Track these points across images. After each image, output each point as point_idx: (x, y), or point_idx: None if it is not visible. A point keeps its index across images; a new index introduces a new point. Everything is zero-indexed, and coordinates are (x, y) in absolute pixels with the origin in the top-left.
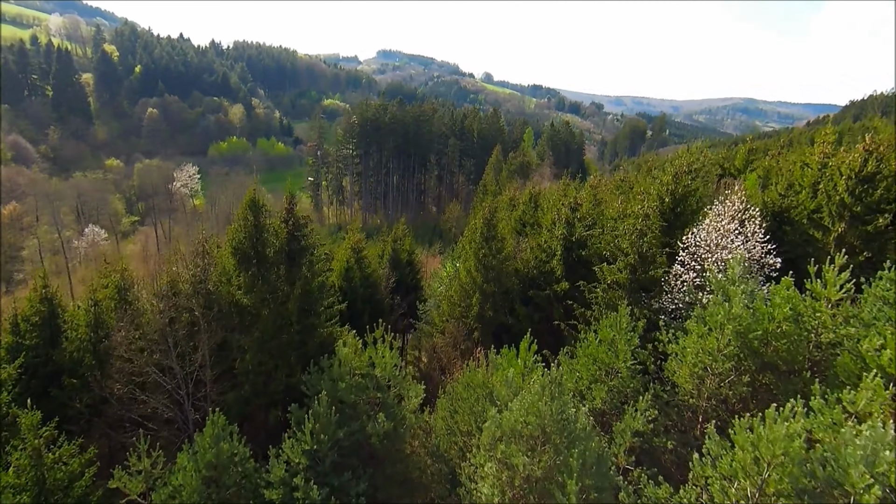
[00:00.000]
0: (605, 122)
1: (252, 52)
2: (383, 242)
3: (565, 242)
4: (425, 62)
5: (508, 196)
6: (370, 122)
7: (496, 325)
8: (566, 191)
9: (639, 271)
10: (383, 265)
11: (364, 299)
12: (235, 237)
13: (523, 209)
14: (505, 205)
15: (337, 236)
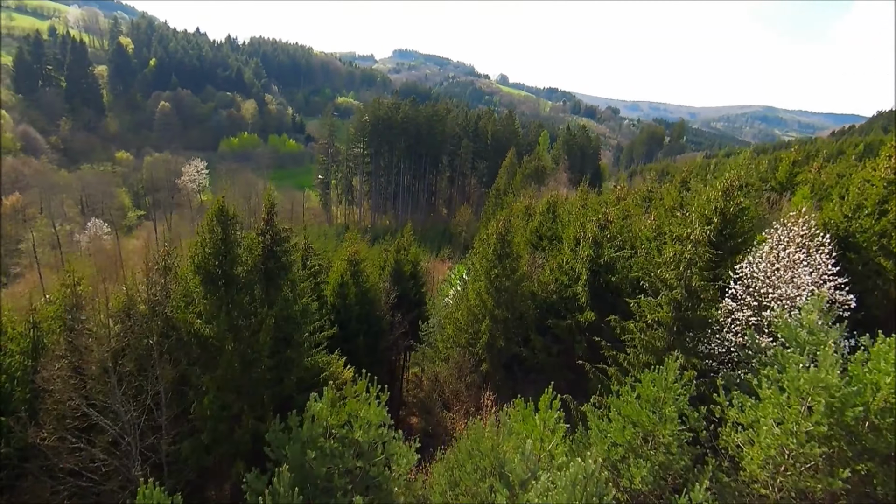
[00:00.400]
0: (621, 127)
1: (267, 48)
2: (385, 252)
3: (592, 265)
4: (441, 62)
5: (523, 204)
6: (382, 120)
7: (508, 355)
8: (586, 201)
9: (685, 308)
10: (384, 278)
11: (359, 319)
12: (199, 253)
13: (540, 220)
14: (520, 213)
15: (341, 238)
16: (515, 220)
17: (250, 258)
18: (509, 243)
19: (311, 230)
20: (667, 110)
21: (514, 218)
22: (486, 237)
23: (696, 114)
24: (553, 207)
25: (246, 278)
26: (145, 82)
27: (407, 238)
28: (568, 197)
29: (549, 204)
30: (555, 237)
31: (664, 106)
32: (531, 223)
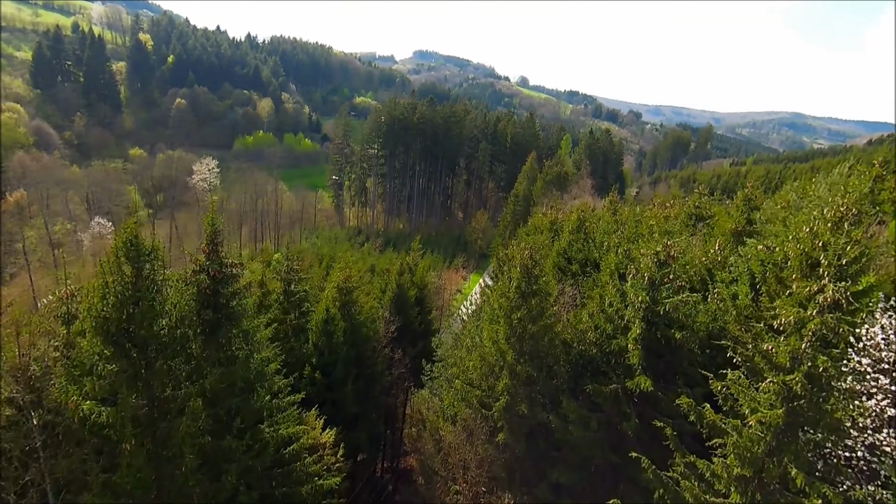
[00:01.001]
0: (644, 131)
1: (287, 47)
2: (387, 274)
3: (647, 313)
4: (461, 64)
5: (548, 219)
6: (398, 121)
7: (532, 423)
8: (619, 215)
9: (803, 401)
10: (384, 304)
11: (349, 361)
12: (98, 305)
13: (570, 239)
14: (544, 229)
15: (352, 242)
16: (538, 235)
17: (176, 309)
18: (537, 278)
19: (322, 233)
20: (690, 115)
21: (537, 233)
22: (504, 260)
23: (720, 119)
24: (583, 225)
25: (170, 337)
26: (163, 79)
27: (413, 256)
28: (595, 207)
29: (579, 222)
30: (587, 262)
31: (687, 111)
32: (558, 242)
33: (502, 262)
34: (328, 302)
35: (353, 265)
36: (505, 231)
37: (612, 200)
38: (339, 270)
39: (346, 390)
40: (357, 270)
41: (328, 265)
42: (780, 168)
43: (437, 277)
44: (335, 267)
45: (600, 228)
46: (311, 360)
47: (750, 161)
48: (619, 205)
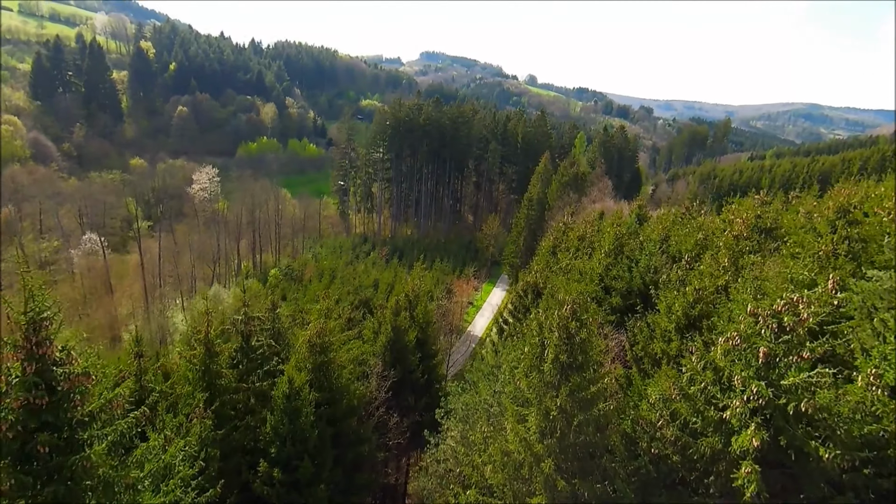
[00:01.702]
0: (656, 127)
1: (291, 51)
2: (380, 316)
3: (768, 412)
4: (468, 64)
5: (575, 233)
6: (403, 123)
7: None
8: (660, 221)
9: None
10: (376, 352)
11: (322, 448)
12: None
13: (607, 263)
14: (571, 247)
15: (357, 251)
16: (563, 254)
17: None
18: (584, 346)
19: (327, 242)
20: (702, 109)
21: (561, 251)
22: (527, 291)
23: (733, 112)
24: (621, 244)
25: None
26: (165, 87)
27: (413, 283)
28: (622, 213)
29: (616, 240)
30: (630, 291)
31: (699, 105)
32: (590, 264)
33: (524, 293)
34: (293, 370)
35: (354, 280)
36: (518, 238)
37: (641, 205)
38: (315, 320)
39: (318, 491)
40: (345, 308)
41: (329, 281)
42: (808, 162)
43: (445, 296)
44: (311, 324)
45: (647, 249)
46: (270, 451)
47: (770, 154)
48: (646, 209)
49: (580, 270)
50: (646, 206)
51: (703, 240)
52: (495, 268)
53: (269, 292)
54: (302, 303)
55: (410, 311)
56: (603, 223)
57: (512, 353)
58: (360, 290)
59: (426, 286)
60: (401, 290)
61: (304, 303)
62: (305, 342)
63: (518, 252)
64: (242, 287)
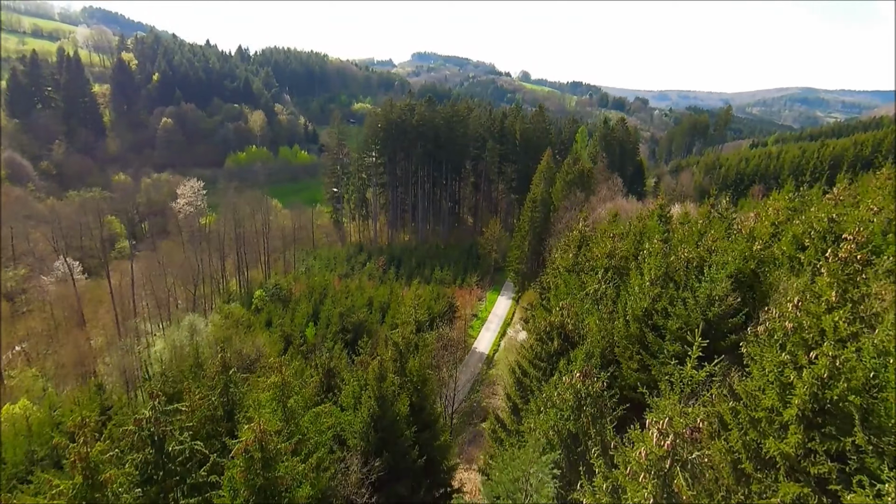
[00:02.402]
0: (652, 118)
1: (279, 57)
2: (361, 375)
3: None
4: (460, 63)
5: (601, 250)
6: (395, 124)
7: None
8: (691, 226)
9: None
10: (356, 430)
11: None
12: None
13: (654, 294)
14: (598, 267)
15: (352, 262)
16: (589, 278)
17: None
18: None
19: (320, 253)
20: (697, 98)
21: (586, 274)
22: (548, 334)
23: (728, 100)
24: (669, 268)
25: None
26: (149, 99)
27: (404, 334)
28: (642, 215)
29: (660, 261)
30: (685, 329)
31: (694, 94)
32: (631, 296)
33: (547, 337)
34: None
35: (346, 300)
36: (523, 242)
37: (663, 205)
38: (253, 423)
39: None
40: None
41: (319, 300)
42: (817, 147)
43: (446, 315)
44: (245, 429)
45: (709, 275)
46: None
47: (771, 140)
48: (669, 208)
49: (613, 299)
50: (668, 204)
51: (764, 252)
52: (498, 274)
53: (247, 321)
54: (288, 328)
55: (401, 365)
56: (629, 230)
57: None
58: (352, 312)
59: (425, 300)
60: (396, 310)
61: (291, 328)
62: (241, 452)
63: (523, 257)
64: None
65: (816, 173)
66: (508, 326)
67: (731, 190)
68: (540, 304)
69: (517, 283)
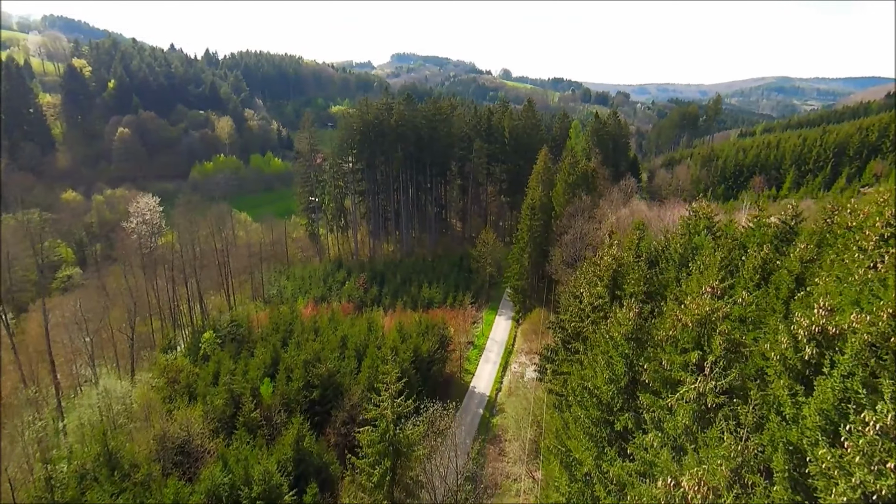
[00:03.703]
0: (636, 111)
1: (250, 61)
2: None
3: None
4: (440, 62)
5: (689, 315)
6: (372, 126)
7: None
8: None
9: None
10: None
11: None
12: None
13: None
14: (685, 342)
15: (330, 280)
16: (669, 355)
17: None
18: None
19: (295, 272)
20: (676, 90)
21: (666, 350)
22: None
23: (707, 91)
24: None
25: None
26: (105, 108)
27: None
28: (670, 220)
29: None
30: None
31: (673, 87)
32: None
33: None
34: None
35: (314, 341)
36: (522, 255)
37: (708, 213)
38: None
39: None
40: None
41: (283, 338)
42: (819, 134)
43: (440, 361)
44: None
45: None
46: None
47: (759, 129)
48: (715, 213)
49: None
50: (713, 212)
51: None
52: (494, 288)
53: (187, 378)
54: (240, 385)
55: None
56: (667, 247)
57: None
58: (320, 360)
59: (411, 335)
60: (374, 355)
61: (243, 385)
62: None
63: (523, 272)
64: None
65: (821, 162)
66: (510, 355)
67: (730, 182)
68: (565, 356)
69: (517, 302)
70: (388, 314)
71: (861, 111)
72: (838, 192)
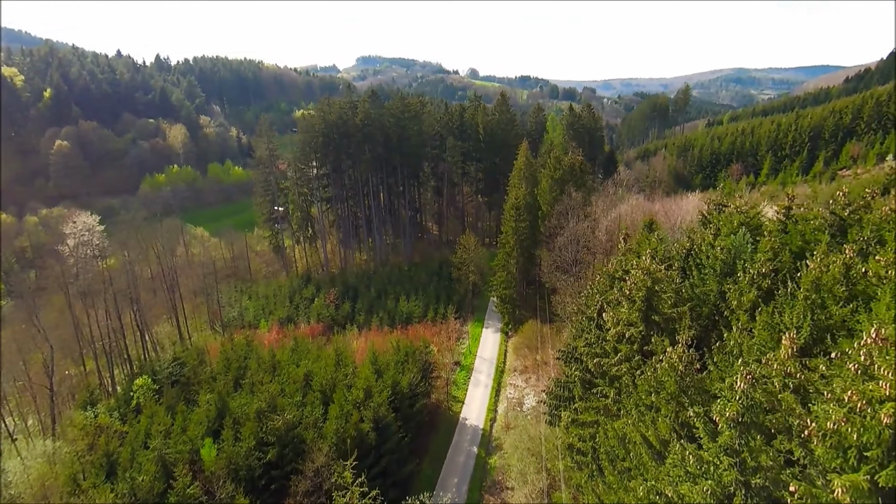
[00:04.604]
0: (604, 105)
1: (206, 66)
2: None
3: None
4: (407, 64)
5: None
6: (336, 127)
7: None
8: None
9: None
10: None
11: None
12: None
13: None
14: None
15: (297, 297)
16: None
17: None
18: None
19: (257, 290)
20: (639, 85)
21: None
22: None
23: (668, 84)
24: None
25: None
26: (40, 120)
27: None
28: (677, 216)
29: None
30: None
31: (636, 81)
32: None
33: None
34: None
35: (272, 382)
36: (508, 261)
37: (751, 211)
38: None
39: None
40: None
41: (235, 378)
42: (793, 119)
43: (423, 394)
44: None
45: None
46: None
47: (726, 119)
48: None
49: None
50: (755, 203)
51: None
52: (478, 297)
53: (106, 444)
54: (174, 449)
55: None
56: (694, 249)
57: None
58: (276, 408)
59: (389, 367)
60: (343, 396)
61: (178, 448)
62: None
63: (511, 280)
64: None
65: (797, 147)
66: (503, 374)
67: (707, 171)
68: (588, 402)
69: (505, 312)
70: (362, 333)
71: (822, 97)
72: (817, 175)
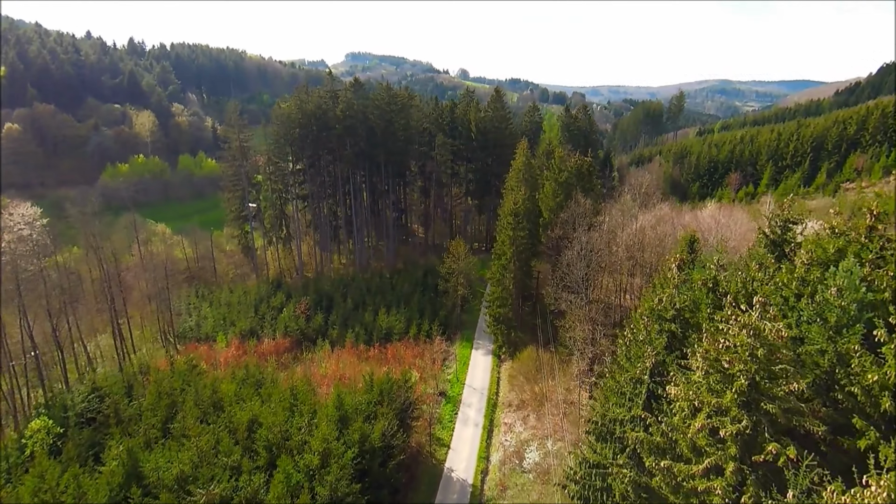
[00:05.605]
0: (594, 111)
1: (184, 52)
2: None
3: None
4: (397, 62)
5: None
6: (314, 118)
7: None
8: None
9: None
10: None
11: None
12: None
13: None
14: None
15: (264, 305)
16: None
17: None
18: None
19: (220, 297)
20: (627, 92)
21: None
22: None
23: (655, 93)
24: None
25: None
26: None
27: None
28: (712, 227)
29: None
30: None
31: (624, 88)
32: None
33: None
34: None
35: (212, 424)
36: (503, 275)
37: (852, 230)
38: None
39: None
40: None
41: (169, 413)
42: (794, 128)
43: (402, 440)
44: None
45: None
46: None
47: (717, 127)
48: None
49: None
50: (846, 218)
51: None
52: (466, 311)
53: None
54: None
55: None
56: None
57: None
58: (197, 479)
59: (359, 406)
60: (288, 467)
61: None
62: None
63: (506, 298)
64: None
65: (798, 157)
66: (495, 409)
67: (704, 179)
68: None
69: (498, 333)
70: (334, 351)
71: (814, 108)
72: (820, 187)
